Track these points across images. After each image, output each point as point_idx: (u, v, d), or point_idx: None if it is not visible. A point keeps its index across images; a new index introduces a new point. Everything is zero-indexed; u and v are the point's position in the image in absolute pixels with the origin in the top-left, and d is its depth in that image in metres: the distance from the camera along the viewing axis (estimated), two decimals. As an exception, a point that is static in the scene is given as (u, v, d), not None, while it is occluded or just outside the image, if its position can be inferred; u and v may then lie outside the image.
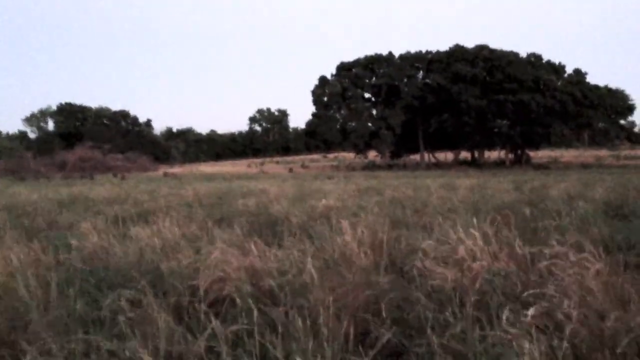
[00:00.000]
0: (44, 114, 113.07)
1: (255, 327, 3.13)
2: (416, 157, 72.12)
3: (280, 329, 3.17)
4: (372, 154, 73.81)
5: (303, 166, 73.67)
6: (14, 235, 6.41)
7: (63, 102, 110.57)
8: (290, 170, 63.89)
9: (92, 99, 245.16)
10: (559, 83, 61.72)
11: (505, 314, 3.08)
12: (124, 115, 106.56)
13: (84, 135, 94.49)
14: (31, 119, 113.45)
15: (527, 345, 2.68)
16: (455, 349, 3.06)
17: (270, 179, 29.99)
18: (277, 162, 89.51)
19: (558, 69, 63.99)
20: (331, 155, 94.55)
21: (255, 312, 3.27)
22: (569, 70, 64.32)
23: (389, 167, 67.18)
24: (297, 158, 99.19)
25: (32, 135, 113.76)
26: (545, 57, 64.67)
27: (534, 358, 2.65)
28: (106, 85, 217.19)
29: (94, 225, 7.08)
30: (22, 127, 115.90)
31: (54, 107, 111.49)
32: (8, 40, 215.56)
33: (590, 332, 2.93)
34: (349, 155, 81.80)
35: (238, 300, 3.70)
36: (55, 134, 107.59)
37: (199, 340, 3.06)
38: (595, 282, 3.36)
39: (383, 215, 7.65)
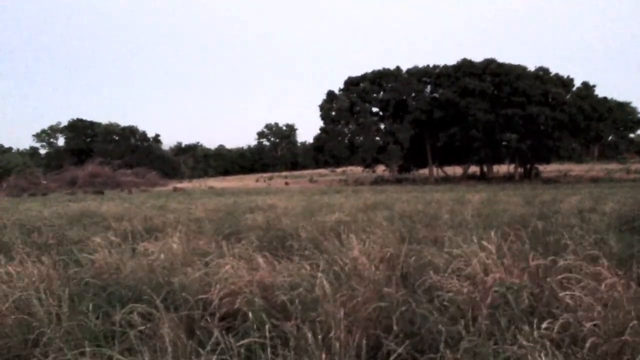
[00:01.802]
0: (54, 130, 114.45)
1: (267, 341, 3.12)
2: (425, 171, 71.93)
3: (292, 343, 3.16)
4: (380, 169, 73.69)
5: (311, 181, 73.70)
6: (26, 250, 6.44)
7: (73, 118, 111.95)
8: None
9: (101, 115, 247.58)
10: (568, 97, 61.40)
11: (520, 328, 3.05)
12: (132, 131, 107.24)
13: (93, 151, 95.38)
14: (42, 135, 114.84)
15: (542, 359, 2.64)
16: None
17: (278, 194, 30.01)
18: (286, 177, 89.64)
19: (566, 83, 63.68)
20: (339, 170, 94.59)
21: (267, 326, 3.26)
22: (577, 83, 64.15)
23: (398, 181, 67.01)
24: (305, 173, 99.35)
25: (42, 151, 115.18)
26: (553, 71, 64.56)
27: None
28: (115, 101, 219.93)
29: (104, 240, 7.10)
30: (33, 143, 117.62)
31: (64, 123, 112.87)
32: (18, 57, 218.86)
33: (607, 346, 2.89)
34: (357, 170, 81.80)
35: (249, 314, 3.69)
36: (66, 149, 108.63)
37: (210, 354, 3.05)
38: (610, 295, 3.33)
39: (393, 229, 7.62)
